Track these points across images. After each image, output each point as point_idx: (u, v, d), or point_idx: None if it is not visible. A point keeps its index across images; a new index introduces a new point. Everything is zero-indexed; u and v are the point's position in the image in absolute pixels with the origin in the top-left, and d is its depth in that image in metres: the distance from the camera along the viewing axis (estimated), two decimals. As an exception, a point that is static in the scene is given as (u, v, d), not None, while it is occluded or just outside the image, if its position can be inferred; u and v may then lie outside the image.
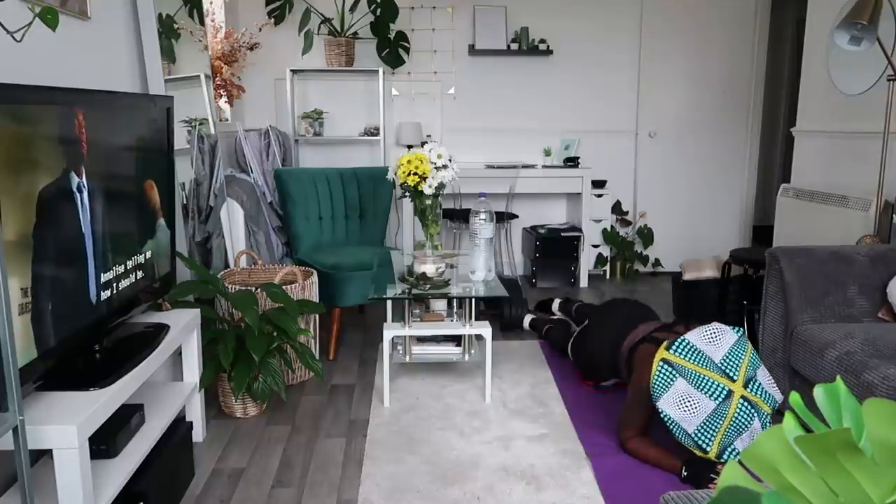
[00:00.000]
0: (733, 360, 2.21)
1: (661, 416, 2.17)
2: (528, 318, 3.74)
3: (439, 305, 3.02)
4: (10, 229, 1.41)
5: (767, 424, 2.19)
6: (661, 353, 2.21)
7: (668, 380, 2.17)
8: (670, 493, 1.23)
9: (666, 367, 2.18)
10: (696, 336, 2.23)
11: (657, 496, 2.11)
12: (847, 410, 0.63)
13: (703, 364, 2.18)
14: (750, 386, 2.19)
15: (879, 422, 0.56)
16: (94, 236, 1.79)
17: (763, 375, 2.25)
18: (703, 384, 2.16)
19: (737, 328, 2.29)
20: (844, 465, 0.56)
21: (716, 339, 2.23)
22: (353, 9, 4.65)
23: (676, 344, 2.21)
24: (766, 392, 2.21)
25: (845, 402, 0.63)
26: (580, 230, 4.74)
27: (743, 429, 2.14)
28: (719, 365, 2.20)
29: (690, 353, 2.19)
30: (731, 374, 2.18)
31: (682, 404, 2.14)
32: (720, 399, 2.15)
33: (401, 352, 2.98)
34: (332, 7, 4.61)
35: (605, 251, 5.06)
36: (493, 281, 2.90)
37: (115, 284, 1.92)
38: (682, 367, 2.17)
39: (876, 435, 0.56)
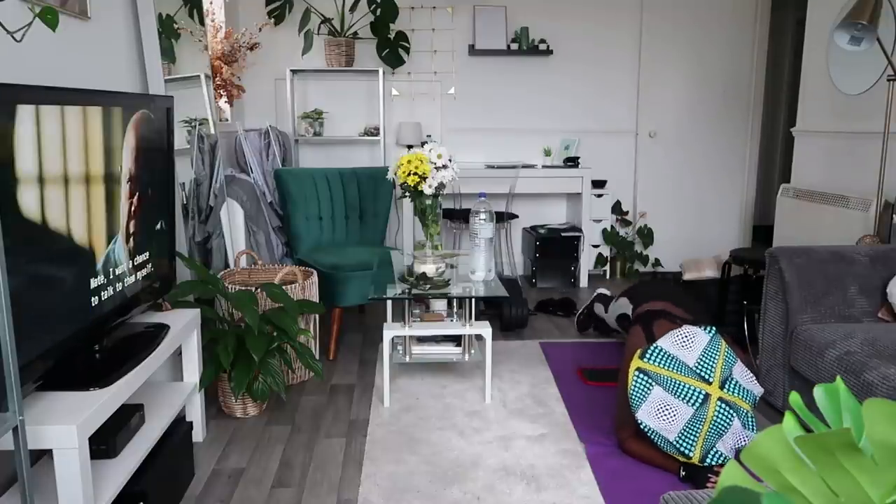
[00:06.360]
0: (707, 361, 2.21)
1: (642, 426, 2.18)
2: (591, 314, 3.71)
3: (439, 305, 3.02)
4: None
5: (749, 422, 2.20)
6: (636, 362, 2.21)
7: (646, 389, 2.18)
8: (670, 493, 1.23)
9: (642, 376, 2.19)
10: (667, 342, 2.24)
11: (657, 496, 2.11)
12: (847, 410, 0.63)
13: (677, 369, 2.18)
14: (727, 386, 2.19)
15: (879, 422, 0.56)
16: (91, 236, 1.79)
17: (739, 372, 2.25)
18: (679, 390, 2.16)
19: (708, 328, 2.28)
20: (844, 465, 0.56)
21: (688, 343, 2.23)
22: (353, 9, 4.65)
23: (649, 352, 2.21)
24: (743, 389, 2.21)
25: (845, 402, 0.63)
26: (580, 230, 4.74)
27: (724, 431, 2.15)
28: (693, 368, 2.20)
29: (664, 359, 2.20)
30: (707, 376, 2.19)
31: (660, 413, 2.15)
32: (698, 404, 2.15)
33: (401, 352, 2.97)
34: (332, 7, 4.61)
35: (605, 251, 5.06)
36: (493, 281, 2.90)
37: (115, 284, 1.92)
38: (658, 375, 2.18)
39: (876, 435, 0.56)
